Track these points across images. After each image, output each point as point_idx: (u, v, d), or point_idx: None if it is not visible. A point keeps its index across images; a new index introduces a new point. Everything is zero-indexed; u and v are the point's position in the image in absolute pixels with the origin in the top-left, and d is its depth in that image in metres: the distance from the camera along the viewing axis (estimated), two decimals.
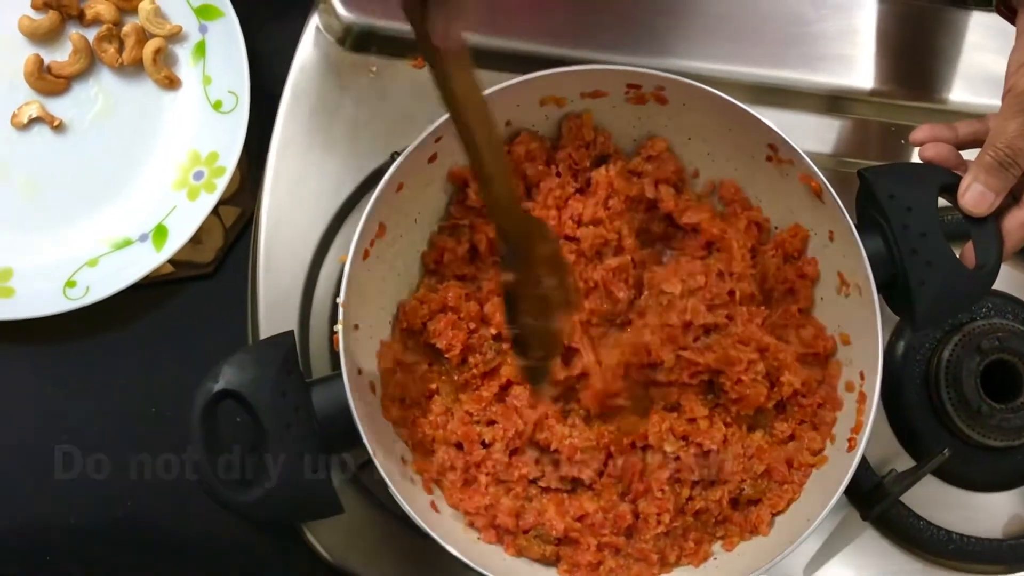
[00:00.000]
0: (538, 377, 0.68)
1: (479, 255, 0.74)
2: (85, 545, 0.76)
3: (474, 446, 0.70)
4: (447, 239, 0.74)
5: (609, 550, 0.69)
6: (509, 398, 0.72)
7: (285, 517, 0.69)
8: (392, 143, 0.77)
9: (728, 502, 0.70)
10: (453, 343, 0.71)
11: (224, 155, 0.78)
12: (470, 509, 0.69)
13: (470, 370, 0.72)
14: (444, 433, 0.70)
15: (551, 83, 0.69)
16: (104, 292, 0.75)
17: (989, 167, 0.68)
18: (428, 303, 0.72)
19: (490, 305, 0.72)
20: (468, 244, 0.74)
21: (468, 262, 0.74)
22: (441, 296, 0.72)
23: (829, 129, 0.86)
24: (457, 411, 0.71)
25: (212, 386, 0.62)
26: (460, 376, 0.72)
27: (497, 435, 0.70)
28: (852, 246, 0.68)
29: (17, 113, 0.79)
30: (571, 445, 0.70)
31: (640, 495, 0.70)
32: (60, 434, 0.75)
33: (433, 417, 0.71)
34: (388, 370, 0.70)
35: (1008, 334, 0.78)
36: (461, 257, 0.74)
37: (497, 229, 0.64)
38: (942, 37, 0.87)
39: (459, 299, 0.72)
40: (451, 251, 0.73)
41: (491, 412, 0.72)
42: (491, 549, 0.69)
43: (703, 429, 0.71)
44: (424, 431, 0.70)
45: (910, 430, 0.80)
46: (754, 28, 0.84)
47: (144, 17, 0.80)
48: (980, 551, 0.78)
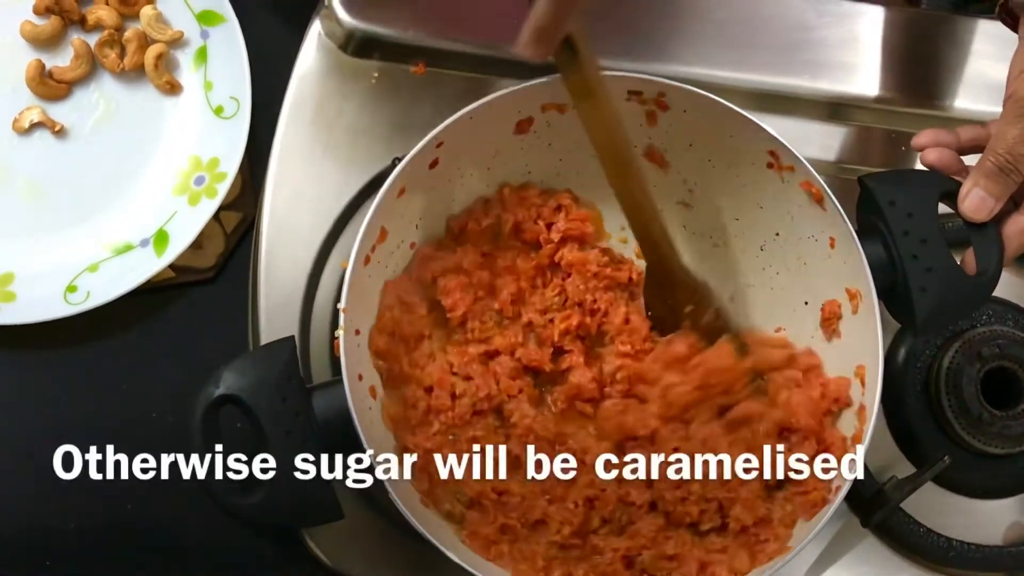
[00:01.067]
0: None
1: (501, 236, 0.75)
2: (86, 549, 0.76)
3: (443, 394, 0.71)
4: (478, 210, 0.75)
5: (509, 535, 0.69)
6: (492, 363, 0.73)
7: (285, 522, 0.69)
8: (394, 148, 0.77)
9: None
10: (458, 304, 0.73)
11: (225, 160, 0.78)
12: (410, 444, 0.69)
13: (466, 333, 0.73)
14: (420, 373, 0.71)
15: (553, 89, 0.69)
16: (105, 297, 0.75)
17: (989, 172, 0.68)
18: (443, 260, 0.73)
19: (501, 282, 0.74)
20: (496, 220, 0.75)
21: (490, 239, 0.75)
22: (459, 258, 0.73)
23: (830, 136, 0.86)
24: (440, 359, 0.72)
25: (213, 391, 0.62)
26: (454, 334, 0.74)
27: (468, 391, 0.71)
28: (853, 253, 0.68)
29: (18, 118, 0.79)
30: (527, 426, 0.71)
31: (556, 500, 0.70)
32: (61, 438, 0.75)
33: (415, 356, 0.72)
34: (388, 305, 0.71)
35: (1009, 341, 0.78)
36: (484, 229, 0.75)
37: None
38: (944, 44, 0.87)
39: (475, 265, 0.73)
40: (476, 222, 0.75)
41: (471, 369, 0.72)
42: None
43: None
44: (402, 367, 0.71)
45: (910, 437, 0.80)
46: (756, 35, 0.84)
47: (146, 22, 0.80)
48: (981, 558, 0.78)
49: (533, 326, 0.75)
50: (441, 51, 0.81)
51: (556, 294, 0.75)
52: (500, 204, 0.76)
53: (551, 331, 0.74)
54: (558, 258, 0.76)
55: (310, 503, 0.63)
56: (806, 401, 0.72)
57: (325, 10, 0.80)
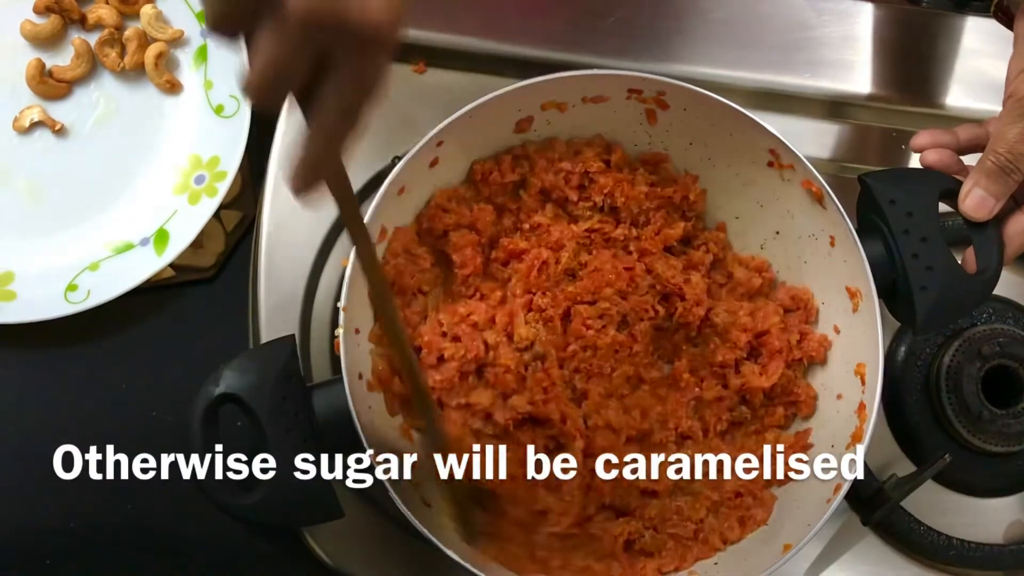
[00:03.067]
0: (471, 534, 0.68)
1: (522, 196, 0.75)
2: (86, 548, 0.76)
3: (430, 357, 0.70)
4: (506, 163, 0.74)
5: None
6: (480, 325, 0.71)
7: (285, 521, 0.69)
8: (394, 147, 0.77)
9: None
10: (467, 263, 0.72)
11: (225, 159, 0.78)
12: (393, 388, 0.69)
13: (467, 289, 0.73)
14: (411, 333, 0.71)
15: (553, 88, 0.69)
16: (105, 296, 0.75)
17: (990, 172, 0.68)
18: (457, 213, 0.73)
19: (510, 242, 0.73)
20: (520, 177, 0.74)
21: (510, 192, 0.75)
22: (474, 216, 0.73)
23: (830, 134, 0.86)
24: (431, 319, 0.72)
25: (213, 390, 0.62)
26: (455, 288, 0.73)
27: (456, 354, 0.70)
28: (853, 251, 0.68)
29: (19, 117, 0.79)
30: (517, 374, 0.70)
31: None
32: (61, 437, 0.75)
33: (409, 313, 0.71)
34: (393, 252, 0.71)
35: (1009, 339, 0.78)
36: (505, 184, 0.74)
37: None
38: (942, 42, 0.87)
39: (487, 224, 0.73)
40: (500, 174, 0.74)
41: (459, 329, 0.71)
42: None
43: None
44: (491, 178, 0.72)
45: (911, 435, 0.80)
46: (755, 33, 0.84)
47: (146, 22, 0.80)
48: (981, 556, 0.78)
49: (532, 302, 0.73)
50: (441, 50, 0.81)
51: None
52: (528, 163, 0.74)
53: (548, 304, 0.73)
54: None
55: (310, 502, 0.63)
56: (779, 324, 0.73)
57: None
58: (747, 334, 0.73)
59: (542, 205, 0.75)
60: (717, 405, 0.74)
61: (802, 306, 0.75)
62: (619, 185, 0.74)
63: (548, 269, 0.73)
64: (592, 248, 0.74)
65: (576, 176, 0.75)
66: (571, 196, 0.75)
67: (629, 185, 0.74)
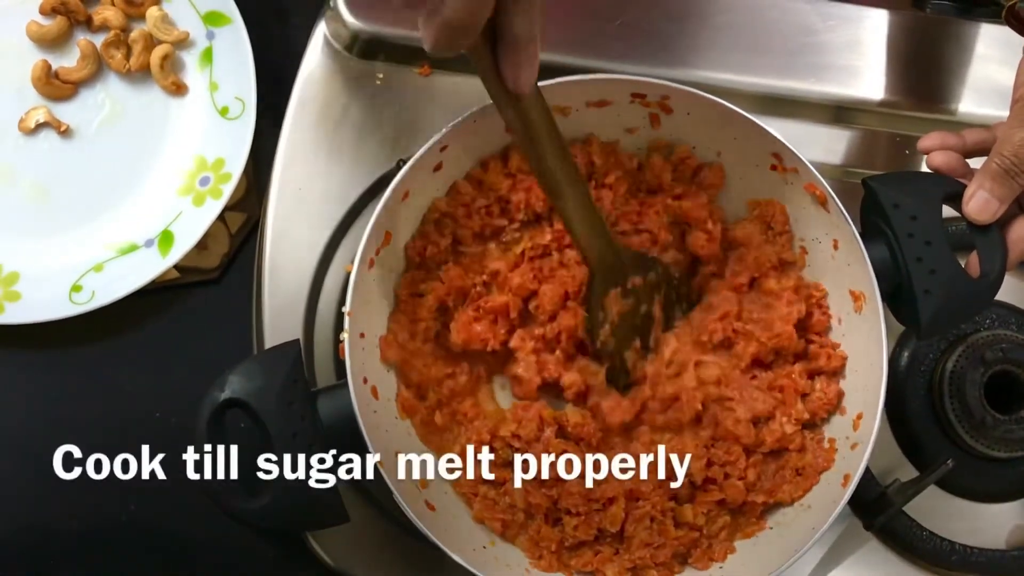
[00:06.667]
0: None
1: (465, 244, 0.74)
2: (88, 550, 0.76)
3: (469, 282, 0.72)
4: (429, 230, 0.73)
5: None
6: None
7: (290, 525, 0.69)
8: (398, 151, 0.77)
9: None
10: (520, 205, 0.73)
11: (230, 161, 0.78)
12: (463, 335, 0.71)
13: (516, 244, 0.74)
14: (441, 275, 0.72)
15: (556, 92, 0.69)
16: (110, 297, 0.75)
17: (994, 175, 0.68)
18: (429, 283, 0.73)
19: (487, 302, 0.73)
20: (451, 238, 0.73)
21: (451, 254, 0.74)
22: (447, 281, 0.73)
23: (835, 139, 0.86)
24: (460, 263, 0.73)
25: (219, 395, 0.62)
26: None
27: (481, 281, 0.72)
28: (856, 255, 0.68)
29: (25, 118, 0.79)
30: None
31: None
32: (64, 438, 0.75)
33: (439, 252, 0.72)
34: (432, 217, 0.72)
35: (1012, 345, 0.78)
36: (444, 251, 0.73)
37: (585, 260, 0.70)
38: (949, 48, 0.87)
39: (456, 290, 0.73)
40: (434, 245, 0.73)
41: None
42: (492, 555, 0.69)
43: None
44: (427, 255, 0.72)
45: (914, 440, 0.80)
46: (760, 38, 0.84)
47: (152, 23, 0.80)
48: (983, 562, 0.78)
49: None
50: None
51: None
52: (450, 219, 0.73)
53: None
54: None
55: (315, 507, 0.63)
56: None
57: (330, 12, 0.80)
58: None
59: (486, 246, 0.74)
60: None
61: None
62: (531, 191, 0.73)
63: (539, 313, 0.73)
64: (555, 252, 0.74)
65: (494, 206, 0.74)
66: (500, 223, 0.74)
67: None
